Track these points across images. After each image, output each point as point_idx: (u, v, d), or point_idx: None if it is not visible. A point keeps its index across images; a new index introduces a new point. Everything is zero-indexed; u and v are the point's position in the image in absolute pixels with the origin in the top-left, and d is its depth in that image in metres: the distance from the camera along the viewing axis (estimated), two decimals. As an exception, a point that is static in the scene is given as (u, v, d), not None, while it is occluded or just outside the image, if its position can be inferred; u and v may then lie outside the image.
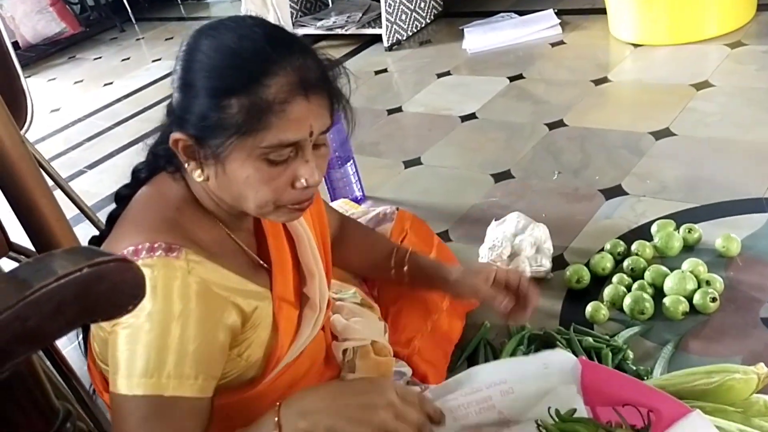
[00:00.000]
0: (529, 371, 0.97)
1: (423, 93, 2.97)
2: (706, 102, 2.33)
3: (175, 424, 0.90)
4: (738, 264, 1.60)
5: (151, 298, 0.89)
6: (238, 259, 1.04)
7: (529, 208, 1.97)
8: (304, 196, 0.96)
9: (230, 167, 0.92)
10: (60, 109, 4.00)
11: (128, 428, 0.89)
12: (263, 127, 0.89)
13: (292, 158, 0.93)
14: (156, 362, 0.89)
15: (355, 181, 2.22)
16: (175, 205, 1.00)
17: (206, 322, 0.92)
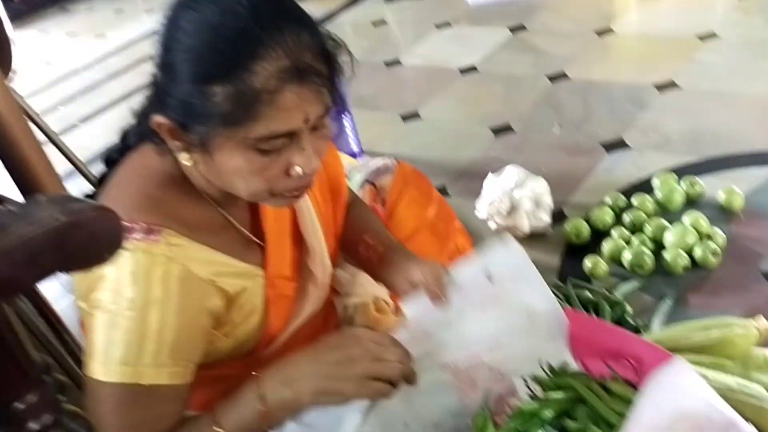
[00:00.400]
0: (516, 325, 0.96)
1: (422, 45, 2.90)
2: (711, 54, 2.27)
3: (152, 411, 0.90)
4: (740, 218, 1.57)
5: (131, 284, 0.86)
6: (227, 236, 0.98)
7: (529, 162, 1.92)
8: (301, 183, 0.89)
9: (218, 156, 0.85)
10: (52, 62, 3.92)
11: (104, 413, 0.88)
12: (252, 117, 0.80)
13: (287, 145, 0.85)
14: (134, 351, 0.87)
15: (351, 135, 2.17)
16: (159, 181, 0.94)
17: (187, 309, 0.89)
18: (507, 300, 0.96)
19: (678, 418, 0.75)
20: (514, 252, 0.99)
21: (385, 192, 1.53)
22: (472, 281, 0.98)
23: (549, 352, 0.93)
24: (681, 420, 0.75)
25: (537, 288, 0.97)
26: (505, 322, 0.96)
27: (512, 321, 0.96)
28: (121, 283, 0.86)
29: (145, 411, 0.89)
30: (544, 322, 0.96)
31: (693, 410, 0.76)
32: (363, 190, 1.56)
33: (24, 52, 4.27)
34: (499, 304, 0.96)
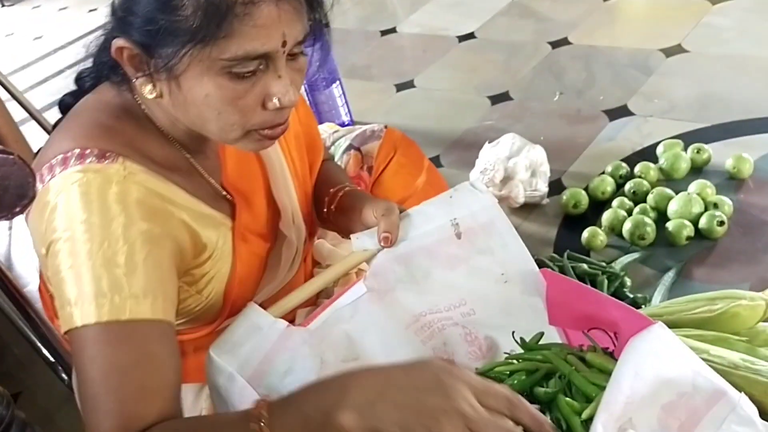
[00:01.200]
0: (487, 285, 0.87)
1: (419, 12, 2.80)
2: (721, 17, 2.16)
3: (139, 350, 0.76)
4: (749, 186, 1.48)
5: (84, 208, 0.76)
6: (193, 180, 0.89)
7: (527, 131, 1.84)
8: (277, 118, 0.80)
9: (186, 84, 0.76)
10: (43, 37, 3.84)
11: (85, 364, 0.76)
12: (224, 34, 0.72)
13: (262, 72, 0.77)
14: (104, 280, 0.75)
15: (342, 105, 2.09)
16: (116, 113, 0.84)
17: (151, 233, 0.78)
18: (477, 259, 0.87)
19: (660, 386, 0.68)
20: (486, 203, 0.88)
21: (372, 158, 1.44)
22: (438, 237, 0.87)
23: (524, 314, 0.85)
24: (664, 387, 0.68)
25: (510, 245, 0.87)
26: (474, 282, 0.87)
27: (483, 281, 0.87)
28: (71, 206, 0.76)
29: (129, 352, 0.75)
30: (518, 282, 0.87)
31: (678, 377, 0.69)
32: (348, 155, 1.47)
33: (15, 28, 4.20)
34: (468, 263, 0.87)
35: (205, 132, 0.83)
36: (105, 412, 0.73)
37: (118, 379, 0.74)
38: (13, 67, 3.45)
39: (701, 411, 0.69)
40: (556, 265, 1.36)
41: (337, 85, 2.06)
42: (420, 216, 0.89)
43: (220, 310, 0.95)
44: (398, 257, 0.87)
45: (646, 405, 0.68)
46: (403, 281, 0.87)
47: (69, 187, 0.76)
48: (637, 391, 0.67)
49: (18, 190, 0.54)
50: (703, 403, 0.69)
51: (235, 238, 0.92)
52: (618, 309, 0.75)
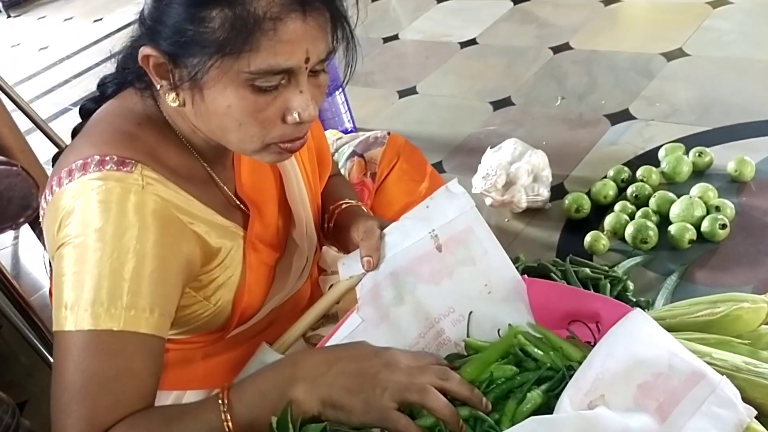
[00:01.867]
0: (472, 296, 0.87)
1: (421, 19, 2.81)
2: (722, 20, 2.16)
3: (123, 364, 0.77)
4: (751, 188, 1.48)
5: (101, 214, 0.77)
6: (209, 190, 0.91)
7: (529, 136, 1.85)
8: (296, 132, 0.81)
9: (209, 94, 0.77)
10: (48, 47, 3.87)
11: (66, 368, 0.76)
12: (250, 47, 0.74)
13: (284, 87, 0.78)
14: (107, 289, 0.76)
15: (344, 111, 2.10)
16: (137, 120, 0.86)
17: (163, 247, 0.79)
18: (460, 271, 0.87)
19: (634, 364, 0.69)
20: (463, 207, 0.88)
21: (375, 165, 1.44)
22: (420, 252, 0.87)
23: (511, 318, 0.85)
24: (638, 366, 0.69)
25: (490, 251, 0.88)
26: (460, 293, 0.87)
27: (468, 293, 0.87)
28: (88, 213, 0.77)
29: (114, 364, 0.76)
30: (501, 290, 0.87)
31: (652, 358, 0.70)
32: (351, 162, 1.48)
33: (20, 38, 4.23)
34: (452, 277, 0.87)
35: (225, 142, 0.84)
36: (76, 418, 0.74)
37: (97, 389, 0.75)
38: (19, 78, 3.47)
39: (680, 392, 0.69)
40: (558, 270, 1.35)
41: (339, 92, 2.07)
42: (400, 232, 0.89)
43: (229, 318, 0.95)
44: (384, 280, 0.88)
45: (620, 383, 0.68)
46: (394, 305, 0.87)
47: (88, 193, 0.77)
48: (608, 369, 0.68)
49: (22, 201, 0.55)
50: (681, 385, 0.69)
51: (246, 247, 0.93)
52: (598, 301, 0.77)
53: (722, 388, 0.69)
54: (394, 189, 1.40)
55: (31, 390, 1.53)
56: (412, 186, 1.46)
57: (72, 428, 0.74)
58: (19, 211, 0.56)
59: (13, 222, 0.56)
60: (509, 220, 1.62)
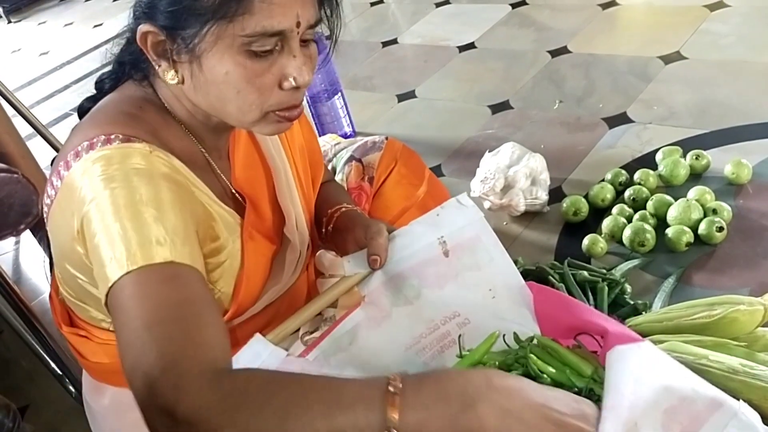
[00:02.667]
0: (476, 301, 0.88)
1: (420, 24, 2.82)
2: (720, 23, 2.17)
3: (180, 292, 0.72)
4: (748, 191, 1.48)
5: (113, 177, 0.76)
6: (208, 177, 0.92)
7: (528, 140, 1.86)
8: (292, 99, 0.84)
9: (208, 63, 0.79)
10: (49, 52, 3.88)
11: (128, 316, 0.70)
12: (244, 11, 0.76)
13: (278, 53, 0.80)
14: (135, 226, 0.74)
15: (343, 116, 2.10)
16: (138, 104, 0.88)
17: (177, 199, 0.79)
18: (465, 276, 0.88)
19: (662, 390, 0.69)
20: (472, 217, 0.90)
21: (373, 169, 1.45)
22: (427, 256, 0.89)
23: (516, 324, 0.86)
24: (666, 392, 0.69)
25: (496, 259, 0.89)
26: (465, 297, 0.88)
27: (473, 297, 0.88)
28: (102, 178, 0.76)
29: (171, 291, 0.71)
30: (506, 296, 0.88)
31: (676, 384, 0.70)
32: (349, 166, 1.49)
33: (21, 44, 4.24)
34: (457, 280, 0.88)
35: (225, 115, 0.85)
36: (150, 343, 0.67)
37: (165, 313, 0.69)
38: (20, 83, 3.48)
39: (703, 416, 0.70)
40: (556, 273, 1.37)
41: (339, 97, 2.08)
42: (408, 236, 0.91)
43: (227, 309, 0.96)
44: (390, 280, 0.89)
45: (650, 409, 0.69)
46: (397, 305, 0.88)
47: (96, 165, 0.78)
48: (640, 396, 0.68)
49: (22, 208, 0.56)
50: (704, 409, 0.70)
51: (244, 235, 0.94)
52: (606, 321, 0.77)
53: (743, 412, 0.70)
54: (392, 193, 1.41)
55: (32, 395, 1.54)
56: (410, 190, 1.47)
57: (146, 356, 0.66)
58: (19, 217, 0.56)
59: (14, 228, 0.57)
60: (508, 224, 1.62)
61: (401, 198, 1.41)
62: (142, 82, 0.89)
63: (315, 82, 2.03)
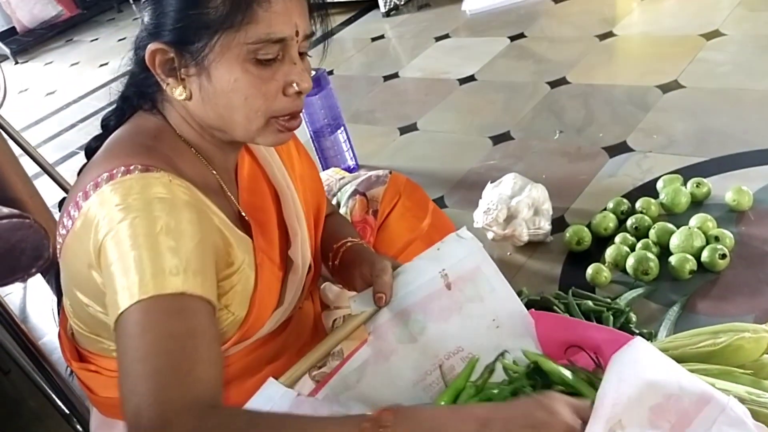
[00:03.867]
0: (481, 332, 0.89)
1: (421, 57, 2.86)
2: (716, 52, 2.20)
3: (187, 321, 0.74)
4: (750, 218, 1.49)
5: (133, 205, 0.78)
6: (222, 200, 0.94)
7: (529, 170, 1.87)
8: (294, 106, 0.89)
9: (216, 73, 0.84)
10: (55, 92, 3.94)
11: (131, 345, 0.72)
12: (249, 20, 0.82)
13: (280, 61, 0.86)
14: (150, 256, 0.76)
15: (346, 150, 2.13)
16: (152, 134, 0.90)
17: (197, 226, 0.81)
18: (468, 307, 0.89)
19: (646, 387, 0.70)
20: (471, 248, 0.91)
21: (377, 203, 1.47)
22: (430, 290, 0.90)
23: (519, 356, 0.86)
24: (650, 389, 0.70)
25: (498, 289, 0.90)
26: (468, 330, 0.89)
27: (476, 328, 0.89)
28: (121, 206, 0.78)
29: (175, 323, 0.73)
30: (509, 326, 0.89)
31: (662, 380, 0.71)
32: (353, 200, 1.51)
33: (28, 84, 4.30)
34: (461, 313, 0.89)
35: (231, 124, 0.88)
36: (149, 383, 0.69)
37: (167, 345, 0.71)
38: (27, 123, 3.54)
39: (691, 413, 0.71)
40: (561, 302, 1.37)
41: (341, 131, 2.11)
42: (411, 271, 0.93)
43: (232, 335, 0.96)
44: (395, 317, 0.90)
45: (634, 406, 0.70)
46: (403, 341, 0.90)
47: (112, 195, 0.80)
48: (622, 393, 0.69)
49: (34, 252, 0.57)
50: (692, 405, 0.71)
51: (257, 259, 0.95)
52: (599, 331, 0.78)
53: (731, 407, 0.71)
54: (396, 226, 1.42)
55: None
56: (414, 223, 1.48)
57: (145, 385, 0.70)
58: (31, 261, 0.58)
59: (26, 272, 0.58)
60: (511, 254, 1.63)
61: (405, 231, 1.42)
62: (152, 110, 0.92)
63: (318, 117, 2.07)
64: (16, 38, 4.97)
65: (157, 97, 0.92)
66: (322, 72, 2.04)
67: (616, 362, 0.72)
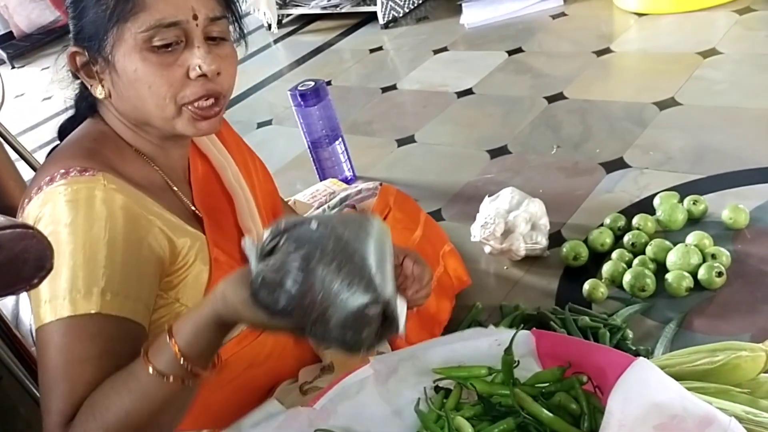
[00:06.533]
0: (482, 351, 0.89)
1: (419, 70, 2.87)
2: (713, 70, 2.22)
3: (105, 344, 0.80)
4: (746, 236, 1.50)
5: (70, 211, 0.82)
6: (168, 198, 0.97)
7: (526, 184, 1.88)
8: (203, 90, 0.88)
9: (120, 65, 0.87)
10: (52, 97, 3.94)
11: (48, 357, 0.80)
12: (138, 9, 0.84)
13: (182, 46, 0.87)
14: (83, 278, 0.80)
15: (344, 161, 2.13)
16: (94, 137, 0.94)
17: (133, 237, 0.85)
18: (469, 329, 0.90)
19: (650, 408, 0.71)
20: None
21: (367, 214, 1.47)
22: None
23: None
24: (654, 409, 0.71)
25: None
26: (470, 349, 0.89)
27: (478, 348, 0.89)
28: (57, 211, 0.82)
29: (95, 345, 0.80)
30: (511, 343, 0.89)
31: (666, 401, 0.72)
32: (343, 213, 1.52)
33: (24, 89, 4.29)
34: (462, 334, 0.90)
35: (147, 115, 0.90)
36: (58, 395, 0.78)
37: (79, 368, 0.79)
38: (23, 127, 3.52)
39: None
40: (558, 318, 1.37)
41: (339, 142, 2.11)
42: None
43: None
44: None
45: (639, 426, 0.71)
46: (405, 359, 0.89)
47: (56, 197, 0.83)
48: (628, 414, 0.70)
49: (37, 263, 0.57)
50: (696, 426, 0.71)
51: (210, 248, 0.98)
52: (602, 353, 0.78)
53: (733, 429, 0.71)
54: (386, 237, 1.42)
55: (30, 442, 1.52)
56: (405, 234, 1.49)
57: (54, 405, 0.78)
58: (33, 271, 0.57)
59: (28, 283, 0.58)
60: (508, 268, 1.63)
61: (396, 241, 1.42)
62: (94, 116, 0.96)
63: (316, 127, 2.07)
64: (13, 43, 4.96)
65: (96, 101, 0.95)
66: (320, 83, 2.05)
67: (622, 383, 0.72)
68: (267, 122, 2.79)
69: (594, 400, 0.81)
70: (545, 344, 0.87)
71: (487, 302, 1.51)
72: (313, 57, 3.36)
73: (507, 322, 1.40)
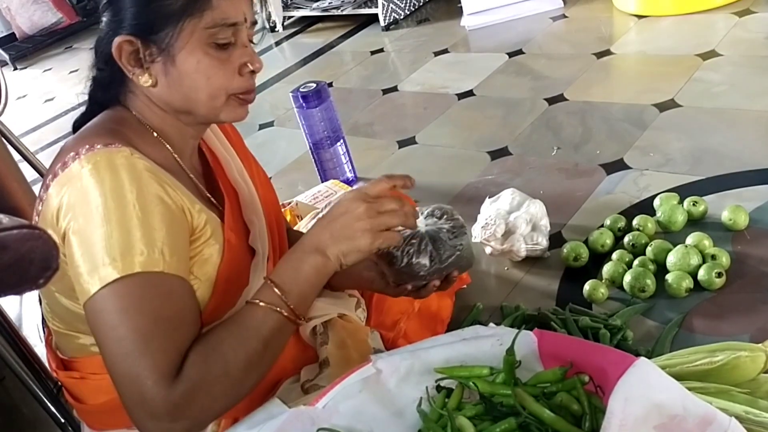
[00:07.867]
0: (484, 350, 0.89)
1: (419, 72, 2.88)
2: (712, 72, 2.22)
3: (164, 303, 0.84)
4: (746, 237, 1.50)
5: (96, 179, 0.85)
6: (184, 180, 0.99)
7: (527, 185, 1.88)
8: (249, 84, 0.98)
9: (180, 57, 0.92)
10: (54, 99, 3.94)
11: (110, 327, 0.81)
12: (206, 7, 0.91)
13: (233, 45, 0.95)
14: (122, 238, 0.82)
15: (345, 162, 2.14)
16: (116, 120, 0.97)
17: (163, 195, 0.89)
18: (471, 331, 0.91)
19: (651, 408, 0.72)
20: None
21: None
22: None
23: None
24: (655, 409, 0.72)
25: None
26: (472, 350, 0.90)
27: (480, 348, 0.89)
28: (84, 183, 0.85)
29: (155, 303, 0.83)
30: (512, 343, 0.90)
31: (667, 401, 0.73)
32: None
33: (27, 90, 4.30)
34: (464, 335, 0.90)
35: (196, 104, 0.95)
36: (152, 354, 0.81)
37: (153, 327, 0.82)
38: (25, 128, 3.53)
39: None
40: (559, 318, 1.38)
41: (341, 143, 2.12)
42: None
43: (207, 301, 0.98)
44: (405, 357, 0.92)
45: (640, 426, 0.71)
46: (407, 359, 0.90)
47: (82, 170, 0.86)
48: (629, 414, 0.71)
49: (42, 263, 0.57)
50: (696, 426, 0.71)
51: (225, 234, 1.01)
52: (604, 353, 0.79)
53: (733, 429, 0.72)
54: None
55: (33, 442, 1.53)
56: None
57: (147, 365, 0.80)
58: (39, 272, 0.58)
59: (34, 283, 0.58)
60: (509, 269, 1.64)
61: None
62: (115, 106, 0.99)
63: (317, 129, 2.07)
64: (16, 44, 4.98)
65: (120, 90, 0.98)
66: (322, 84, 2.06)
67: (623, 383, 0.73)
68: (269, 124, 2.80)
69: (595, 400, 0.81)
70: (547, 344, 0.87)
71: (488, 303, 1.52)
72: (315, 59, 3.37)
73: (508, 323, 1.41)
